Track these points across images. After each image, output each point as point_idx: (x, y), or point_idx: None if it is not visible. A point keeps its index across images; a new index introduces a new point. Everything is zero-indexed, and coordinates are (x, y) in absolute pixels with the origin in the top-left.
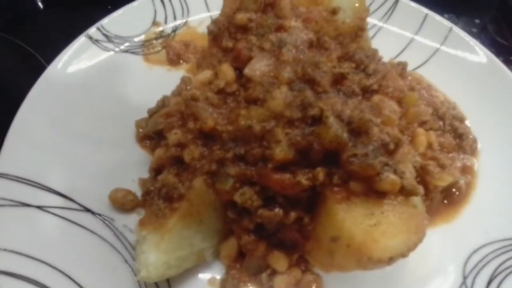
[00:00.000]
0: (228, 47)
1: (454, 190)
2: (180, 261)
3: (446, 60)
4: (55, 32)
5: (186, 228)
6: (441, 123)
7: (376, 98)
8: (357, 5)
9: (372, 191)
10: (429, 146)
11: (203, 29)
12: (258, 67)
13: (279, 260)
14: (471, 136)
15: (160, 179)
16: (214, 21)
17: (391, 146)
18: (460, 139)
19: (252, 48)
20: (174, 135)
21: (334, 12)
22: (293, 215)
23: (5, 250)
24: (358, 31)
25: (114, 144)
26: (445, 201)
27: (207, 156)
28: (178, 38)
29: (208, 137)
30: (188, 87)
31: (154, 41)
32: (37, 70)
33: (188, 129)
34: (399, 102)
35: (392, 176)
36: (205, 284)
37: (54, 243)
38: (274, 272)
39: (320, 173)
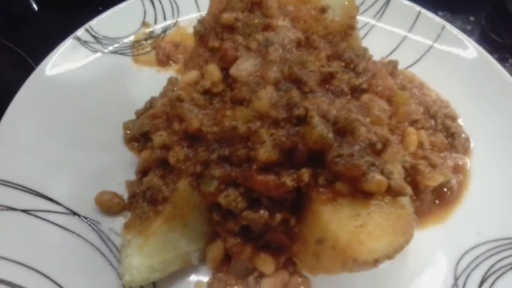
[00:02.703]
0: (214, 47)
1: (445, 190)
2: (165, 264)
3: (439, 58)
4: (48, 34)
5: (171, 231)
6: (432, 122)
7: (365, 97)
8: (346, 3)
9: (359, 191)
10: (420, 145)
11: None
12: (244, 67)
13: (266, 263)
14: (463, 135)
15: (145, 181)
16: (201, 21)
17: (378, 146)
18: (452, 138)
19: (238, 48)
20: (159, 137)
21: (323, 10)
22: (278, 217)
23: None
24: (348, 29)
25: (101, 146)
26: (437, 201)
27: (192, 157)
28: (168, 38)
29: (193, 138)
30: (175, 88)
31: (144, 42)
32: (27, 73)
33: (173, 131)
34: (389, 101)
35: (379, 176)
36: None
37: (39, 246)
38: (261, 275)
39: (305, 174)
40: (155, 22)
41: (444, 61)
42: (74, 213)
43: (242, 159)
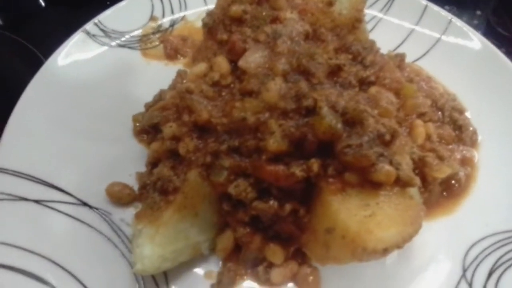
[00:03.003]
0: (223, 39)
1: (453, 182)
2: (176, 254)
3: (446, 51)
4: (57, 30)
5: (181, 221)
6: (440, 114)
7: (373, 89)
8: None
9: (368, 182)
10: (428, 137)
11: (201, 23)
12: (253, 59)
13: (275, 253)
14: (471, 128)
15: (155, 172)
16: (209, 14)
17: (387, 137)
18: (459, 131)
19: (247, 40)
20: (169, 128)
21: (330, 3)
22: (288, 207)
23: (2, 243)
24: (355, 22)
25: (111, 138)
26: (445, 193)
27: (202, 148)
28: (176, 32)
29: (203, 129)
30: (184, 81)
31: (152, 36)
32: (37, 66)
33: (183, 122)
34: (397, 93)
35: (387, 167)
36: (202, 277)
37: (52, 237)
38: (270, 265)
39: (315, 164)
40: (163, 16)
41: (451, 54)
42: (85, 204)
43: (252, 149)
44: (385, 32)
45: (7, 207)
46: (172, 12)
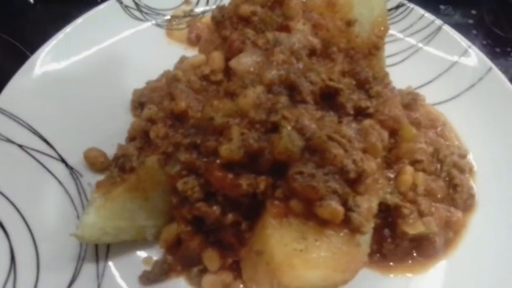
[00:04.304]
0: (226, 35)
1: (426, 242)
2: (118, 231)
3: (477, 101)
4: (45, 28)
5: (130, 201)
6: (438, 167)
7: (367, 122)
8: (380, 19)
9: (314, 215)
10: (414, 187)
11: None
12: (245, 61)
13: (211, 259)
14: (470, 191)
15: (121, 149)
16: (220, 8)
17: (352, 175)
18: (454, 190)
19: (246, 41)
20: (148, 110)
21: (349, 23)
22: (230, 217)
23: None
24: (372, 48)
25: (111, 107)
26: (414, 252)
27: (170, 137)
28: (205, 20)
29: (178, 119)
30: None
31: (181, 19)
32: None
33: (162, 107)
34: (393, 133)
35: (335, 205)
36: (139, 261)
37: (21, 181)
38: (205, 270)
39: (262, 182)
40: (197, 3)
41: (482, 106)
42: (63, 160)
43: (210, 150)
44: (417, 64)
45: None
46: (207, 2)
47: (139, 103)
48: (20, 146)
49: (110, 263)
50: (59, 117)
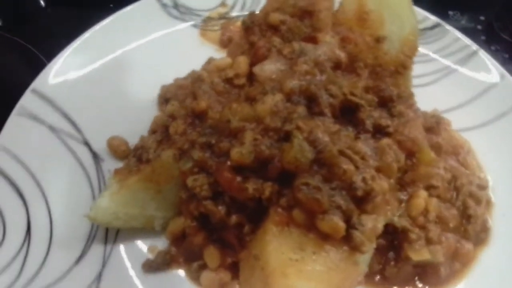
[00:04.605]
0: (253, 41)
1: (430, 270)
2: (128, 217)
3: (507, 132)
4: (57, 30)
5: (143, 191)
6: (454, 195)
7: (385, 141)
8: (411, 37)
9: (316, 228)
10: (425, 213)
11: None
12: (268, 68)
13: (212, 256)
14: (484, 224)
15: (142, 140)
16: (251, 14)
17: (359, 193)
18: (467, 221)
19: (271, 49)
20: (171, 106)
21: (378, 40)
22: (234, 218)
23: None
24: (400, 67)
25: (140, 101)
26: (417, 279)
27: (188, 134)
28: (238, 24)
29: (198, 117)
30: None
31: (216, 21)
32: (38, 68)
33: (184, 105)
34: (411, 155)
35: (337, 220)
36: (145, 249)
37: (46, 159)
38: (205, 266)
39: (268, 188)
40: (233, 6)
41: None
42: (88, 144)
43: (222, 152)
44: (447, 87)
45: (24, 122)
46: (243, 6)
47: (164, 99)
48: (50, 127)
49: (117, 247)
50: (90, 105)
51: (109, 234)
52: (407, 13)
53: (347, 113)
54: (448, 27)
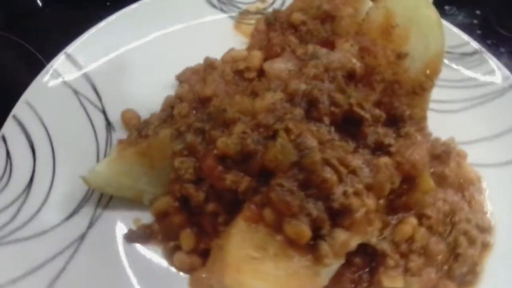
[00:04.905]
0: (271, 38)
1: None
2: (120, 186)
3: None
4: (55, 30)
5: (137, 164)
6: (448, 230)
7: (383, 160)
8: (434, 59)
9: (283, 231)
10: (410, 242)
11: None
12: (278, 66)
13: (186, 238)
14: (473, 267)
15: (150, 116)
16: (276, 11)
17: (335, 205)
18: (454, 259)
19: (285, 48)
20: (180, 88)
21: (400, 56)
22: (211, 206)
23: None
24: (418, 87)
25: (164, 81)
26: None
27: (190, 117)
28: None
29: (202, 103)
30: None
31: (253, 15)
32: (36, 68)
33: (193, 89)
34: (411, 179)
35: (303, 227)
36: (129, 220)
37: (63, 119)
38: (179, 247)
39: (244, 182)
40: (273, 3)
41: None
42: (104, 113)
43: (212, 139)
44: (473, 119)
45: (50, 82)
46: (282, 5)
47: (180, 81)
48: (74, 90)
49: (106, 213)
50: (114, 78)
51: (101, 200)
52: (435, 34)
53: (352, 125)
54: (488, 55)
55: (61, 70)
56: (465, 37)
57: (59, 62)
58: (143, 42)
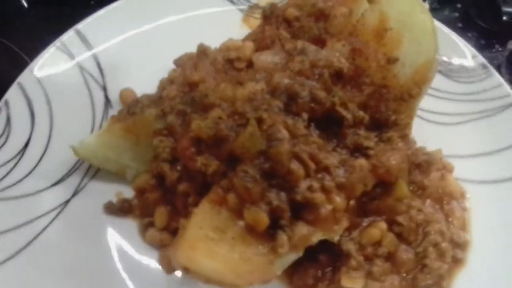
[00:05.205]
0: (265, 30)
1: None
2: (105, 159)
3: None
4: (39, 30)
5: (122, 139)
6: (419, 240)
7: (358, 161)
8: (424, 68)
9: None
10: (377, 245)
11: None
12: (265, 58)
13: (160, 216)
14: (438, 280)
15: (141, 96)
16: (273, 5)
17: (298, 197)
18: (420, 270)
19: (275, 41)
20: (173, 72)
21: (390, 61)
22: (183, 186)
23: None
24: (405, 94)
25: (166, 66)
26: None
27: (174, 100)
28: None
29: (190, 87)
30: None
31: (262, 9)
32: (21, 68)
33: (184, 74)
34: (387, 185)
35: (261, 214)
36: (112, 192)
37: (65, 90)
38: (152, 224)
39: (212, 166)
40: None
41: None
42: (105, 89)
43: (190, 122)
44: (473, 132)
45: (58, 55)
46: None
47: (177, 65)
48: (80, 65)
49: (91, 184)
50: (120, 58)
51: (88, 171)
52: (428, 41)
53: (335, 124)
54: (493, 71)
55: (70, 45)
56: (472, 49)
57: (68, 37)
58: (152, 26)
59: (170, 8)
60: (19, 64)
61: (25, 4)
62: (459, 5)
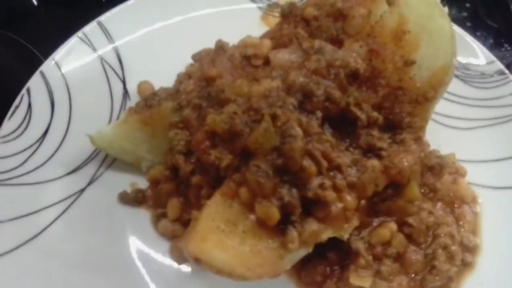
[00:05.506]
0: (283, 28)
1: None
2: (121, 150)
3: None
4: (50, 28)
5: (139, 131)
6: (429, 241)
7: (372, 163)
8: (441, 71)
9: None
10: (387, 246)
11: None
12: (282, 56)
13: (172, 207)
14: (446, 282)
15: (159, 89)
16: (292, 4)
17: (309, 194)
18: (429, 272)
19: (293, 40)
20: (190, 66)
21: (407, 63)
22: (196, 178)
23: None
24: (421, 97)
25: (184, 60)
26: None
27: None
28: None
29: (207, 81)
30: None
31: (281, 8)
32: (34, 65)
33: (202, 69)
34: (399, 186)
35: (272, 208)
36: (127, 183)
37: (85, 81)
38: (165, 215)
39: (226, 160)
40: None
41: None
42: (124, 82)
43: (206, 116)
44: (488, 138)
45: (80, 46)
46: None
47: (195, 60)
48: (101, 57)
49: (107, 174)
50: (140, 51)
51: (105, 161)
52: (445, 45)
53: (349, 124)
54: (511, 77)
55: (91, 37)
56: (490, 55)
57: (90, 28)
58: (172, 22)
59: (190, 5)
60: (31, 61)
61: (35, 2)
62: (468, 5)
